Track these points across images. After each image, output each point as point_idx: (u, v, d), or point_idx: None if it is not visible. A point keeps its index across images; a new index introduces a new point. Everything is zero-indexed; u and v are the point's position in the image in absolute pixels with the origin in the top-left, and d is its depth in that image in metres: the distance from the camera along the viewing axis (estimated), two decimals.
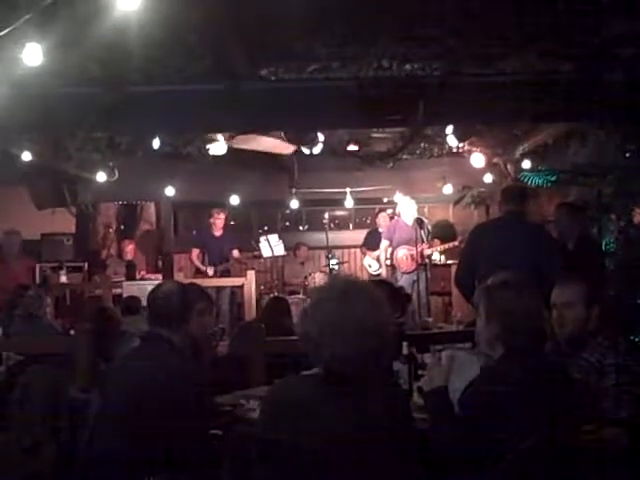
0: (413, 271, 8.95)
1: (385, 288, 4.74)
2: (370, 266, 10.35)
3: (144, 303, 7.36)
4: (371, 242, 10.44)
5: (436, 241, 9.62)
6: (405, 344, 3.87)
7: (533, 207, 8.79)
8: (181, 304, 3.42)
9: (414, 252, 8.91)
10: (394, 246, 9.37)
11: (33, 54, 4.27)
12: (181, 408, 3.16)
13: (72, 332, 5.98)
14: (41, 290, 7.07)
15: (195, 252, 10.07)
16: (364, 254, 10.69)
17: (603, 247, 6.51)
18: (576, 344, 3.32)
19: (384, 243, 9.58)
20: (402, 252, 9.25)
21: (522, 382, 2.66)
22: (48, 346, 5.27)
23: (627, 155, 6.48)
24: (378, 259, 10.02)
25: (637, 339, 5.43)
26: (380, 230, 10.28)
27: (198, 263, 10.01)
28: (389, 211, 10.89)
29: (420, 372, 4.06)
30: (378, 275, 9.76)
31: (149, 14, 4.15)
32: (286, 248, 10.56)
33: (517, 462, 2.48)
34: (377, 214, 10.78)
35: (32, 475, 3.99)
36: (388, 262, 9.57)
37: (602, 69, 5.72)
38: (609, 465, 2.70)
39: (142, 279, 9.75)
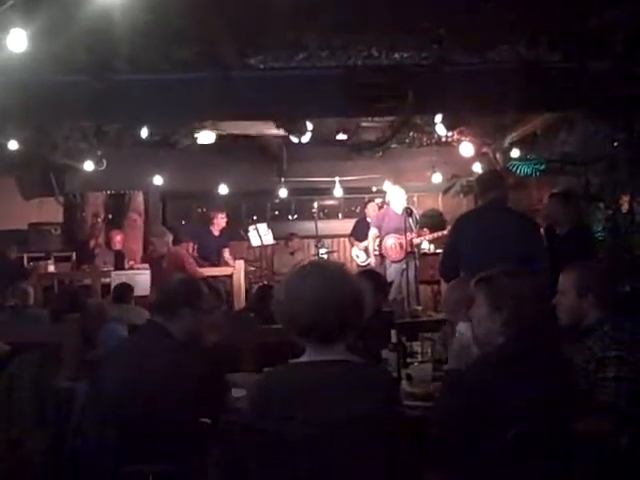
0: (402, 260, 8.93)
1: (371, 278, 4.77)
2: (358, 257, 10.33)
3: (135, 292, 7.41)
4: (359, 232, 10.41)
5: (425, 230, 9.62)
6: (394, 332, 3.88)
7: (521, 195, 8.84)
8: (176, 295, 3.44)
9: (403, 241, 8.90)
10: (382, 235, 9.36)
11: (18, 40, 4.24)
12: (174, 396, 3.17)
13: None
14: (25, 283, 7.07)
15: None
16: (352, 244, 10.67)
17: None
18: (575, 332, 3.34)
19: (373, 232, 9.57)
20: (391, 241, 9.24)
21: (522, 366, 2.69)
22: (35, 336, 5.25)
23: (615, 144, 6.49)
24: (366, 249, 10.02)
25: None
26: (369, 220, 10.28)
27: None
28: (378, 200, 10.87)
29: (409, 360, 4.08)
30: (366, 266, 9.74)
31: (136, 1, 4.12)
32: (275, 237, 10.55)
33: (512, 444, 2.50)
34: (366, 204, 10.73)
35: (20, 465, 3.98)
36: (377, 251, 9.57)
37: (590, 58, 5.72)
38: (599, 454, 2.71)
39: (131, 269, 9.70)
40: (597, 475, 2.70)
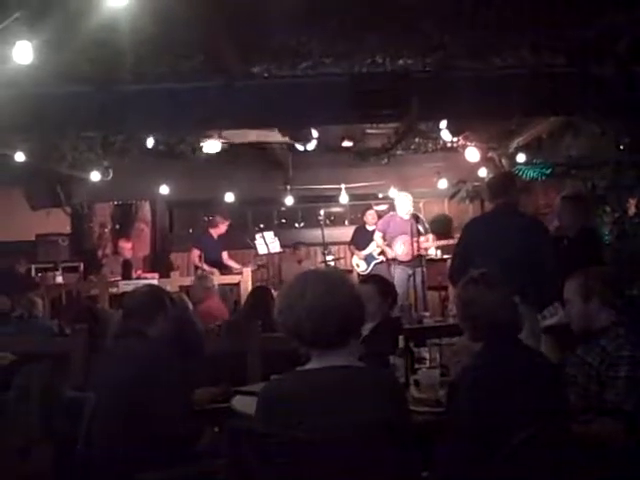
0: (411, 261, 8.87)
1: (377, 283, 4.77)
2: (358, 266, 10.27)
3: None
4: (359, 240, 10.38)
5: (433, 236, 9.62)
6: (401, 338, 3.88)
7: (527, 200, 8.82)
8: (151, 303, 3.79)
9: (411, 243, 8.84)
10: (388, 239, 9.36)
11: (24, 52, 4.26)
12: (158, 391, 3.41)
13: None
14: (33, 294, 7.09)
15: (196, 253, 10.10)
16: (352, 253, 10.63)
17: None
18: (588, 334, 3.34)
19: (378, 235, 9.58)
20: (400, 241, 9.20)
21: (499, 373, 2.72)
22: (44, 346, 5.26)
23: (621, 148, 6.48)
24: (366, 258, 10.02)
25: None
26: (368, 228, 10.29)
27: (200, 264, 10.06)
28: (378, 208, 10.87)
29: (417, 365, 4.07)
30: (367, 274, 9.70)
31: (139, 11, 4.14)
32: (282, 245, 10.56)
33: (515, 453, 2.50)
34: (365, 211, 10.68)
35: (29, 475, 3.98)
36: (382, 257, 9.59)
37: (593, 63, 5.72)
38: (600, 455, 2.70)
39: (138, 278, 9.71)
40: (605, 478, 2.70)
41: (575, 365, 3.31)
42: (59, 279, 9.91)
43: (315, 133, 8.73)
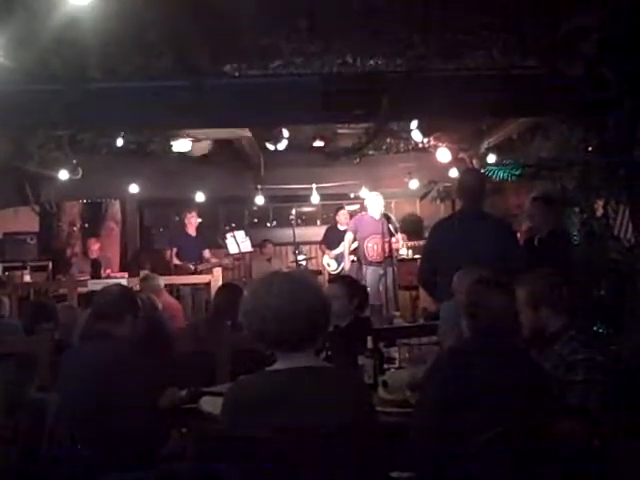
0: (381, 262, 8.88)
1: (345, 284, 4.77)
2: (329, 265, 10.30)
3: None
4: (330, 240, 10.40)
5: (403, 236, 9.64)
6: (370, 338, 3.88)
7: (498, 201, 8.88)
8: (120, 304, 3.76)
9: (382, 243, 8.86)
10: (359, 239, 9.37)
11: None
12: (125, 393, 3.39)
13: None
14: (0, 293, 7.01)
15: (173, 251, 10.07)
16: (323, 252, 10.64)
17: None
18: (540, 340, 3.36)
19: (349, 236, 9.58)
20: (371, 241, 9.21)
21: (484, 362, 2.75)
22: (9, 346, 5.19)
23: (589, 149, 6.52)
24: (337, 258, 10.03)
25: (601, 330, 5.48)
26: (339, 227, 10.30)
27: (177, 261, 10.02)
28: (350, 207, 10.90)
29: (386, 366, 4.08)
30: (338, 274, 9.72)
31: (107, 9, 4.10)
32: (253, 245, 10.55)
33: (484, 448, 2.51)
34: (337, 211, 10.70)
35: None
36: (352, 257, 9.60)
37: (563, 64, 5.76)
38: (567, 457, 2.72)
39: (108, 277, 9.65)
40: (570, 477, 2.72)
41: None
42: (27, 278, 9.81)
43: (286, 133, 8.71)
